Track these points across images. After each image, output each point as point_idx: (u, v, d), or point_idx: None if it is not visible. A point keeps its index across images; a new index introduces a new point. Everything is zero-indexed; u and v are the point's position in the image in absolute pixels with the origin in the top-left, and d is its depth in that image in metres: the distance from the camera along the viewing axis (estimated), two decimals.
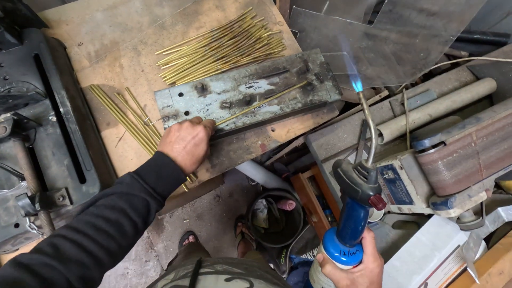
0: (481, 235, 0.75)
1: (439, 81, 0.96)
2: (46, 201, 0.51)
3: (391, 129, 0.83)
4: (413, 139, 0.83)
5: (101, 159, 0.64)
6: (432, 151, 0.65)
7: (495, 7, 1.09)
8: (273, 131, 0.74)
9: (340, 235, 0.47)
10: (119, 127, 0.70)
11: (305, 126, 0.75)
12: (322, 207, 1.21)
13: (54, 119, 0.59)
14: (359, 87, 0.44)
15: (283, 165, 1.73)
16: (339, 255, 0.46)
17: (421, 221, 0.82)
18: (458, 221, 0.72)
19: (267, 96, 0.65)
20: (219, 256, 1.14)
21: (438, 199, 0.67)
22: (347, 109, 0.97)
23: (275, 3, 0.86)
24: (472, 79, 0.97)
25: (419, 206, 0.71)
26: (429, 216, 0.78)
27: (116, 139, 0.69)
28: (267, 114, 0.64)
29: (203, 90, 0.63)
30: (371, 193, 0.39)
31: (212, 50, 0.76)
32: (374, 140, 0.40)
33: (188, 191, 0.68)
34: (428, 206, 0.69)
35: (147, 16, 0.79)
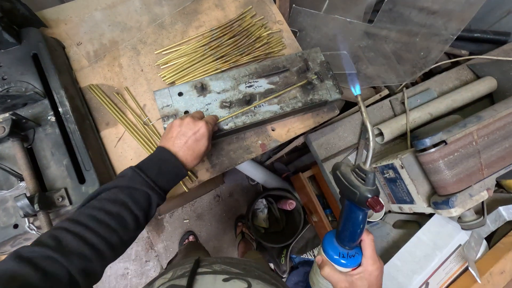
0: (482, 235, 0.75)
1: (440, 80, 0.96)
2: (45, 201, 0.51)
3: (391, 128, 0.83)
4: (413, 138, 0.83)
5: (101, 159, 0.63)
6: (433, 150, 0.65)
7: (495, 5, 1.09)
8: (273, 130, 0.74)
9: (339, 237, 0.47)
10: (118, 127, 0.69)
11: (305, 125, 0.75)
12: (322, 206, 1.21)
13: (53, 119, 0.59)
14: (357, 90, 0.45)
15: (283, 164, 1.72)
16: (338, 258, 0.46)
17: (422, 221, 0.81)
18: (459, 221, 0.72)
19: (267, 95, 0.64)
20: (219, 256, 1.13)
21: (439, 198, 0.66)
22: (347, 108, 0.96)
23: (275, 2, 0.85)
24: (472, 78, 0.97)
25: (420, 205, 0.70)
26: (430, 215, 0.78)
27: (115, 139, 0.69)
28: (267, 113, 0.64)
29: (203, 89, 0.63)
30: (369, 195, 0.39)
31: (211, 49, 0.75)
32: (372, 143, 0.40)
33: (188, 191, 0.67)
34: (429, 205, 0.69)
35: (146, 15, 0.79)
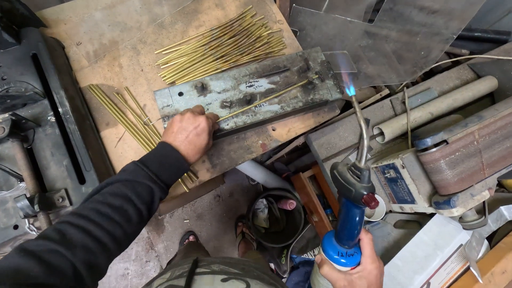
0: (483, 234, 0.75)
1: (440, 79, 0.95)
2: (45, 202, 0.51)
3: (392, 128, 0.83)
4: (414, 138, 0.83)
5: (101, 159, 0.63)
6: (434, 150, 0.65)
7: (495, 5, 1.09)
8: (273, 130, 0.73)
9: (338, 236, 0.47)
10: (118, 127, 0.69)
11: (306, 125, 0.75)
12: (323, 206, 1.20)
13: (53, 119, 0.58)
14: (352, 91, 0.46)
15: (283, 164, 1.72)
16: (338, 257, 0.47)
17: (423, 221, 0.81)
18: (460, 220, 0.71)
19: (268, 95, 0.64)
20: (219, 256, 1.13)
21: (440, 198, 0.66)
22: (348, 108, 0.96)
23: (275, 1, 0.85)
24: (473, 77, 0.97)
25: (421, 205, 0.70)
26: (431, 215, 0.77)
27: (115, 139, 0.68)
28: (268, 113, 0.64)
29: (203, 89, 0.63)
30: (364, 192, 0.40)
31: (212, 49, 0.75)
32: (365, 141, 0.41)
33: (188, 191, 0.67)
34: (430, 205, 0.69)
35: (146, 15, 0.78)
